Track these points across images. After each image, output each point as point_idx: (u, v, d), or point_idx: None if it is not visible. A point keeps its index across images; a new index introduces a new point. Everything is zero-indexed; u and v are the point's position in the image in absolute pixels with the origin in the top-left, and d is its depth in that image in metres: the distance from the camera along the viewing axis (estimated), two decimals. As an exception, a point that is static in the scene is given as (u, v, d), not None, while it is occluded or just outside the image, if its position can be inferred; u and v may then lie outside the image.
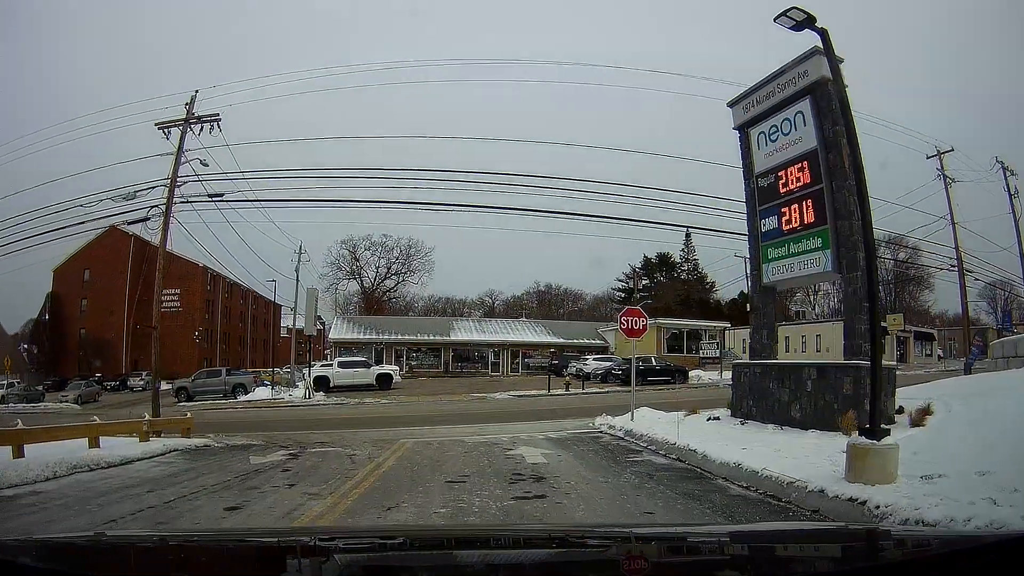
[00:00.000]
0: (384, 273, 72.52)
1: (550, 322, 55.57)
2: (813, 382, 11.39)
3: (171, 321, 68.49)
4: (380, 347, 45.93)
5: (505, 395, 27.60)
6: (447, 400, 26.46)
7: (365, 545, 2.19)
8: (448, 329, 49.27)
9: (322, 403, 28.11)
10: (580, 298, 79.83)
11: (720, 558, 1.95)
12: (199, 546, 2.13)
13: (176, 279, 69.07)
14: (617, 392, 27.93)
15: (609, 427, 13.50)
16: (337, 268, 71.04)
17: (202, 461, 11.17)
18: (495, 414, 19.26)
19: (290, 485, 8.02)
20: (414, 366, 46.59)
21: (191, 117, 22.59)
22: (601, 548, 2.12)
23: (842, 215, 12.23)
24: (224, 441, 14.48)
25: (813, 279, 13.30)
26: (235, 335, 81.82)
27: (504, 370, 47.27)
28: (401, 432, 14.36)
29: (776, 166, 13.39)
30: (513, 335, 49.34)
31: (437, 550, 2.10)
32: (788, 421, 11.56)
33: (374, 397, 28.82)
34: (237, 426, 18.50)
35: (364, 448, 11.60)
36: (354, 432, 14.91)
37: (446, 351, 47.40)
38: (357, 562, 1.93)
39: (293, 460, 10.55)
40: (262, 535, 2.84)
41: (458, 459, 9.89)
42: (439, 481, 7.91)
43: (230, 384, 35.34)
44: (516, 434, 13.34)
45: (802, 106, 12.85)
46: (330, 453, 11.13)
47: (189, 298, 70.76)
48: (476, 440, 12.40)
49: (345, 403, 27.33)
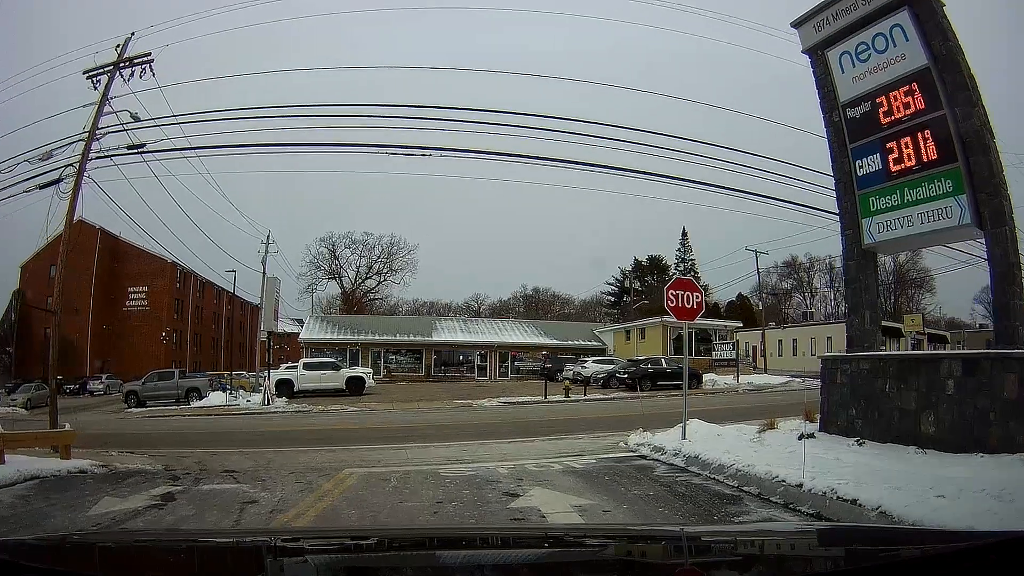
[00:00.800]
0: (365, 273, 68.48)
1: (542, 322, 51.63)
2: (956, 381, 7.63)
3: (138, 320, 64.87)
4: (356, 348, 41.78)
5: (494, 402, 23.64)
6: (425, 408, 22.44)
7: (351, 545, 2.12)
8: (430, 329, 45.15)
9: (279, 411, 24.02)
10: (568, 302, 77.29)
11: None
12: (200, 547, 2.10)
13: (143, 276, 65.33)
14: (625, 399, 24.09)
15: (654, 449, 9.47)
16: (316, 267, 66.90)
17: (37, 503, 7.23)
18: (484, 427, 15.26)
19: None
20: (393, 369, 42.46)
21: (122, 60, 18.54)
22: (594, 549, 2.04)
23: (975, 149, 8.82)
24: (115, 464, 10.45)
25: (941, 237, 9.64)
26: (208, 336, 77.29)
27: (492, 374, 43.20)
28: (354, 455, 10.39)
29: (872, 91, 10.07)
30: (502, 336, 45.27)
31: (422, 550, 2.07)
32: (916, 438, 7.82)
33: (342, 403, 24.73)
34: (159, 440, 14.63)
35: (282, 485, 7.58)
36: (292, 453, 10.96)
37: (428, 353, 43.24)
38: (341, 563, 1.89)
39: (157, 509, 6.57)
40: (258, 534, 3.07)
41: (422, 518, 5.93)
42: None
43: (183, 388, 31.54)
44: (519, 460, 9.26)
45: (899, 18, 9.77)
46: (224, 495, 7.13)
47: (157, 296, 66.76)
48: (458, 473, 8.18)
49: (306, 411, 23.28)
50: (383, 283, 68.17)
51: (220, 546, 2.14)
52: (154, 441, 14.37)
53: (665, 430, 10.26)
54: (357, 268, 68.05)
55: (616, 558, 1.90)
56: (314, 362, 29.10)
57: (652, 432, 10.25)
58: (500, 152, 15.89)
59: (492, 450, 10.56)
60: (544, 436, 12.59)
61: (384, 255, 66.59)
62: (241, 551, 2.03)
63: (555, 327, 49.06)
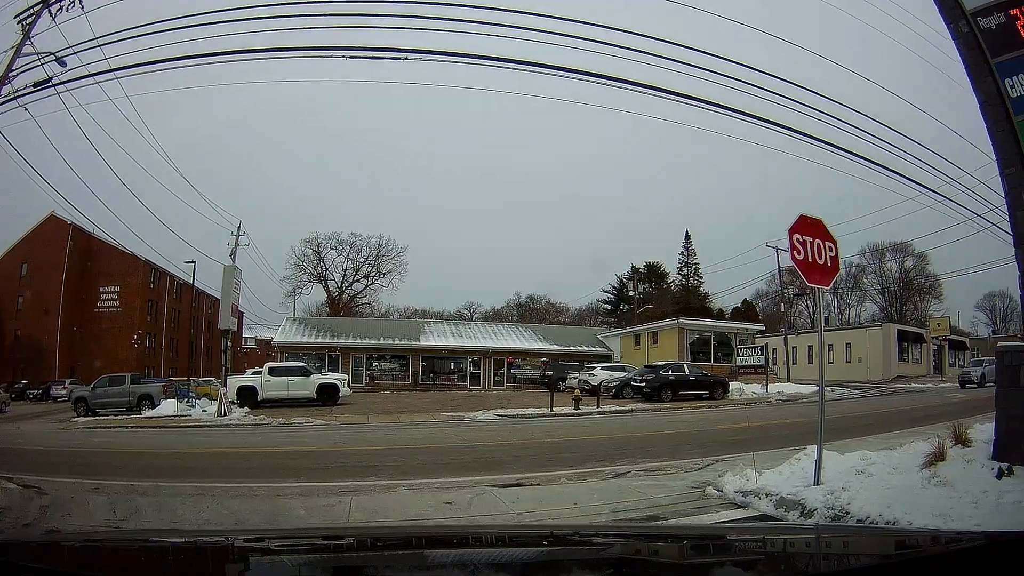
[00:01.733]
0: (352, 276, 64.39)
1: (542, 326, 47.63)
2: None
3: (109, 322, 60.74)
4: (335, 354, 37.71)
5: (490, 415, 19.71)
6: (406, 423, 18.49)
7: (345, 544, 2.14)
8: (418, 333, 41.08)
9: (234, 423, 20.06)
10: (564, 311, 74.27)
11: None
12: (201, 547, 2.08)
13: (115, 275, 61.34)
14: (647, 412, 20.25)
15: (777, 502, 5.36)
16: (300, 270, 62.77)
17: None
18: (481, 451, 11.26)
19: None
20: (376, 377, 38.39)
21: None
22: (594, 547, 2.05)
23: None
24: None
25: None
26: (184, 341, 72.87)
27: (486, 383, 39.18)
28: (267, 505, 6.45)
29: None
30: (497, 341, 41.22)
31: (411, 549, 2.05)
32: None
33: (310, 415, 20.72)
34: (63, 462, 10.85)
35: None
36: (181, 497, 7.00)
37: (415, 359, 39.12)
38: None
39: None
40: (268, 534, 2.92)
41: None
42: None
43: (135, 395, 27.54)
44: (556, 526, 4.91)
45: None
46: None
47: (128, 297, 62.97)
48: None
49: (264, 424, 19.34)
50: (371, 286, 64.09)
51: (223, 546, 2.09)
52: (54, 464, 10.51)
53: (781, 464, 6.38)
54: (344, 271, 64.01)
55: (620, 556, 1.89)
56: (281, 367, 25.01)
57: (754, 470, 6.31)
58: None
59: (500, 500, 6.51)
60: (571, 468, 8.63)
61: (372, 257, 62.60)
62: (246, 551, 2.00)
63: (555, 331, 45.10)
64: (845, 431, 10.39)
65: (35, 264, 59.32)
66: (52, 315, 58.68)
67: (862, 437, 9.93)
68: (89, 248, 60.23)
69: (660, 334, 35.50)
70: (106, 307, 62.52)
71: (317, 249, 63.13)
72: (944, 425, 7.10)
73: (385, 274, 62.52)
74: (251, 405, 24.39)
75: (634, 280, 60.47)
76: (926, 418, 12.82)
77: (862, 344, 46.01)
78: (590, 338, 43.59)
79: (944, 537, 2.08)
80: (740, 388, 25.68)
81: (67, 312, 57.87)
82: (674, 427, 14.61)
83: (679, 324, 33.23)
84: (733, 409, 20.89)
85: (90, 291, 61.74)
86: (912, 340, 48.64)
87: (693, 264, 70.92)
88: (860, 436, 10.01)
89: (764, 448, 9.60)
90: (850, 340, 47.50)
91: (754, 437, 11.84)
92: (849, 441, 8.93)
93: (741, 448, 9.89)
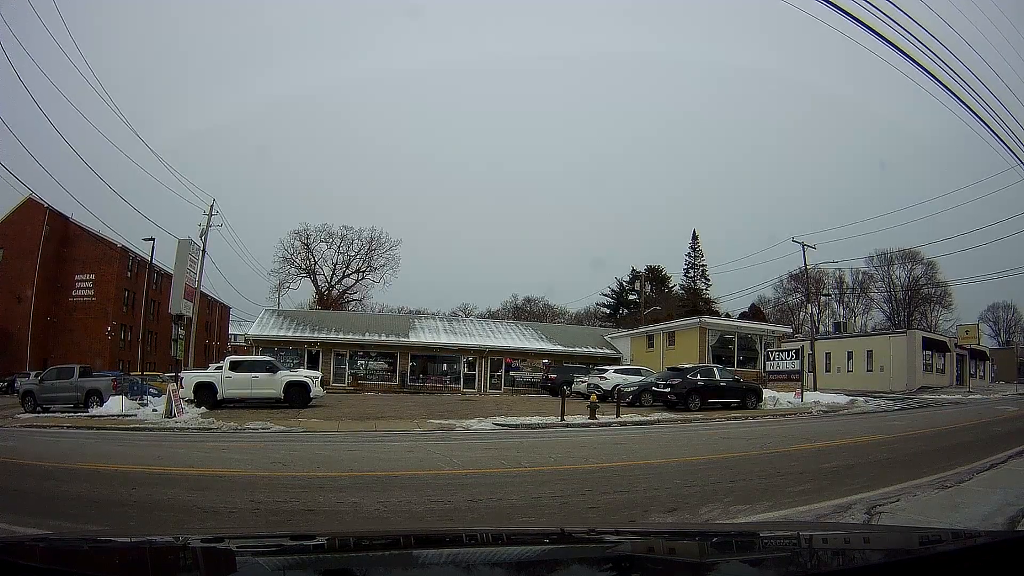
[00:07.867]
0: (343, 270, 60.73)
1: (544, 325, 44.08)
2: None
3: (83, 312, 56.83)
4: (315, 350, 34.16)
5: (487, 424, 16.18)
6: (383, 432, 14.94)
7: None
8: (407, 328, 37.49)
9: (179, 428, 16.52)
10: (562, 313, 71.46)
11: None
12: (202, 548, 2.01)
13: (90, 262, 57.74)
14: (678, 424, 16.78)
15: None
16: (288, 263, 59.12)
17: None
18: (479, 489, 7.55)
19: None
20: (361, 377, 34.79)
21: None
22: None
23: None
24: None
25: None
26: (165, 335, 68.98)
27: (481, 385, 35.62)
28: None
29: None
30: (494, 339, 37.65)
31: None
32: None
33: (273, 418, 17.11)
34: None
35: None
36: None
37: (404, 358, 35.52)
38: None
39: None
40: (272, 537, 2.64)
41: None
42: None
43: (83, 390, 24.12)
44: None
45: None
46: None
47: (103, 286, 59.15)
48: None
49: (213, 429, 15.84)
50: (362, 281, 60.43)
51: (224, 547, 2.06)
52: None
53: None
54: (334, 265, 60.33)
55: (631, 554, 1.86)
56: (244, 361, 21.34)
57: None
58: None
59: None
60: (631, 524, 5.16)
61: (364, 250, 58.97)
62: (245, 552, 1.98)
63: (559, 331, 41.56)
64: (959, 453, 7.22)
65: (10, 250, 55.88)
66: (25, 303, 55.12)
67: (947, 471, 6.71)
68: (66, 234, 57.02)
69: (678, 334, 31.87)
70: (80, 296, 58.91)
71: (306, 241, 59.59)
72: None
73: (377, 269, 58.91)
74: (210, 405, 20.91)
75: (641, 280, 57.08)
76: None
77: (885, 352, 42.58)
78: (596, 339, 40.01)
79: (944, 537, 2.00)
80: (774, 397, 22.25)
81: (40, 301, 54.64)
82: (734, 446, 11.14)
83: (701, 323, 29.76)
84: (778, 422, 17.44)
85: (65, 279, 58.25)
86: (937, 348, 45.29)
87: (700, 266, 67.67)
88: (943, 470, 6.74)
89: (912, 474, 6.38)
90: (872, 347, 44.09)
91: (867, 460, 8.52)
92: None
93: (887, 476, 6.62)
